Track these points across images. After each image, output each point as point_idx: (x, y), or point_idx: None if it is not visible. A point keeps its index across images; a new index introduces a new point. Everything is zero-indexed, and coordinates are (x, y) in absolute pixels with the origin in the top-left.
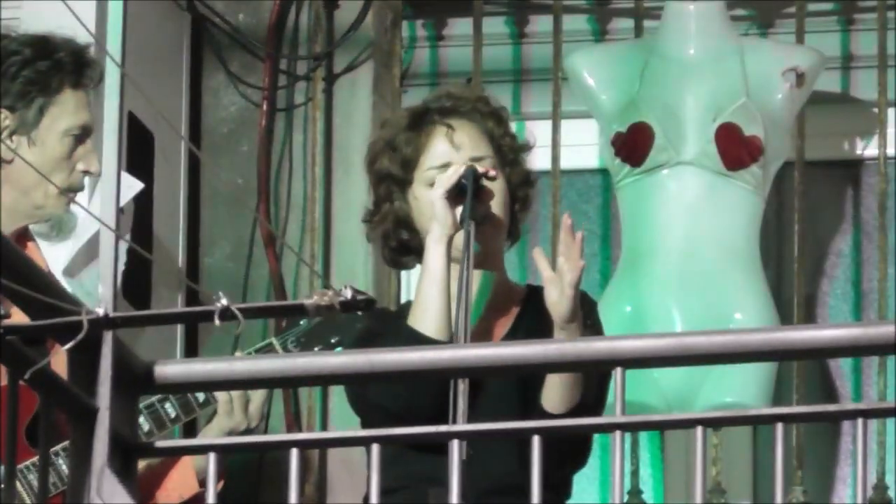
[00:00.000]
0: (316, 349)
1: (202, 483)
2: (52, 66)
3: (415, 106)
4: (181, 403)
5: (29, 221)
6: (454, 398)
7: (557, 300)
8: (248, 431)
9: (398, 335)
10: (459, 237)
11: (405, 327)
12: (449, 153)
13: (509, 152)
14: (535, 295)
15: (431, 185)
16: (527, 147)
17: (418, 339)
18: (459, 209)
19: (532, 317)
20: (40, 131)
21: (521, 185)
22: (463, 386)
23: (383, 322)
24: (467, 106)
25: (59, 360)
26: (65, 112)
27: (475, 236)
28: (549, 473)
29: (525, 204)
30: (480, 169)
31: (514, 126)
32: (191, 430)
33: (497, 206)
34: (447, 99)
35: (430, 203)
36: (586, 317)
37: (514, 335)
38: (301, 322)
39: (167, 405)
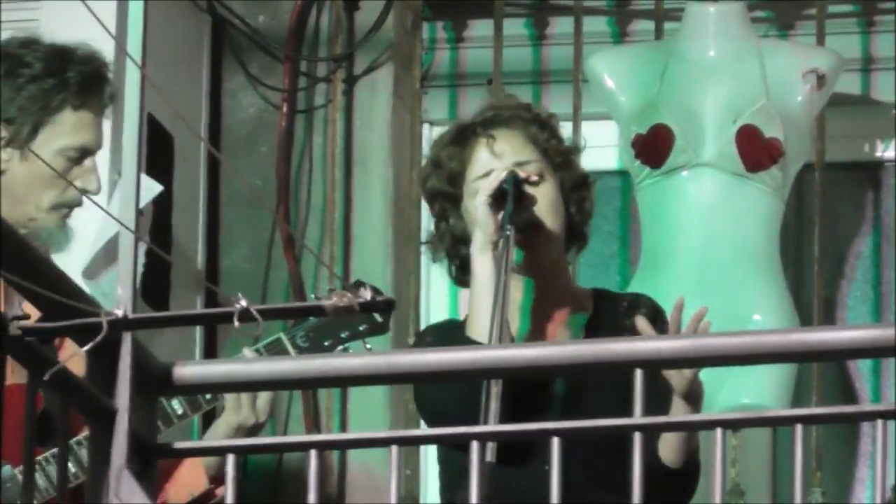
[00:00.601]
0: (326, 343)
1: (212, 480)
2: (58, 84)
3: (459, 121)
4: (188, 400)
5: (23, 231)
6: (486, 399)
7: (678, 380)
8: (255, 427)
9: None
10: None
11: (463, 338)
12: (490, 162)
13: (556, 156)
14: (603, 298)
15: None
16: (576, 150)
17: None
18: (501, 216)
19: (604, 321)
20: (34, 147)
21: (575, 188)
22: (496, 388)
23: (450, 334)
24: (507, 113)
25: (72, 361)
26: (62, 133)
27: (521, 242)
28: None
29: (581, 207)
30: (522, 174)
31: (563, 131)
32: (209, 424)
33: (545, 211)
34: (488, 110)
35: (473, 209)
36: (657, 325)
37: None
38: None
39: (174, 402)
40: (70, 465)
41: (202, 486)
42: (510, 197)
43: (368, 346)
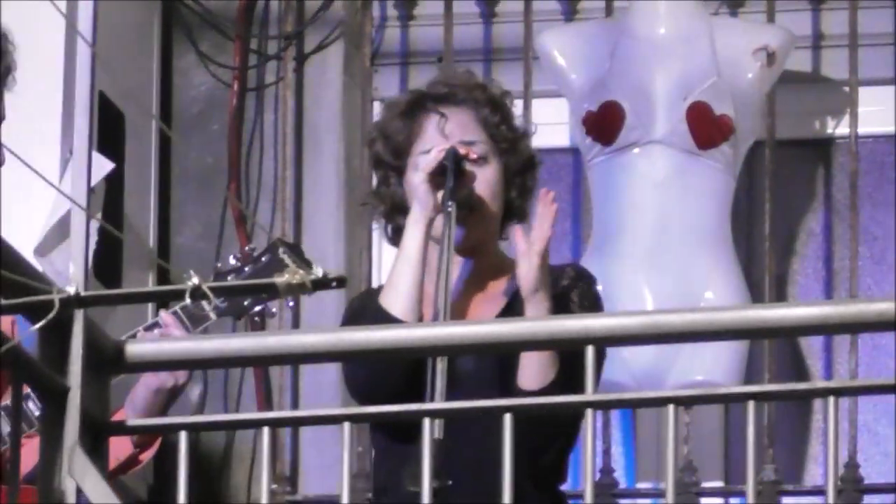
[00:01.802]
0: (245, 303)
1: (136, 445)
2: None
3: (412, 91)
4: (189, 314)
5: None
6: (431, 377)
7: (525, 271)
8: (175, 389)
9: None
10: (441, 221)
11: (375, 306)
12: (437, 140)
13: (503, 141)
14: None
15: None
16: (526, 134)
17: (385, 318)
18: (441, 193)
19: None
20: None
21: (520, 171)
22: (441, 365)
23: (367, 300)
24: (462, 94)
25: None
26: None
27: (460, 222)
28: (538, 454)
29: (523, 190)
30: (462, 151)
31: (515, 111)
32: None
33: (483, 193)
34: (443, 86)
35: (412, 184)
36: (583, 297)
37: (512, 312)
38: (227, 278)
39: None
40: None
41: (127, 451)
42: (450, 173)
43: (291, 302)
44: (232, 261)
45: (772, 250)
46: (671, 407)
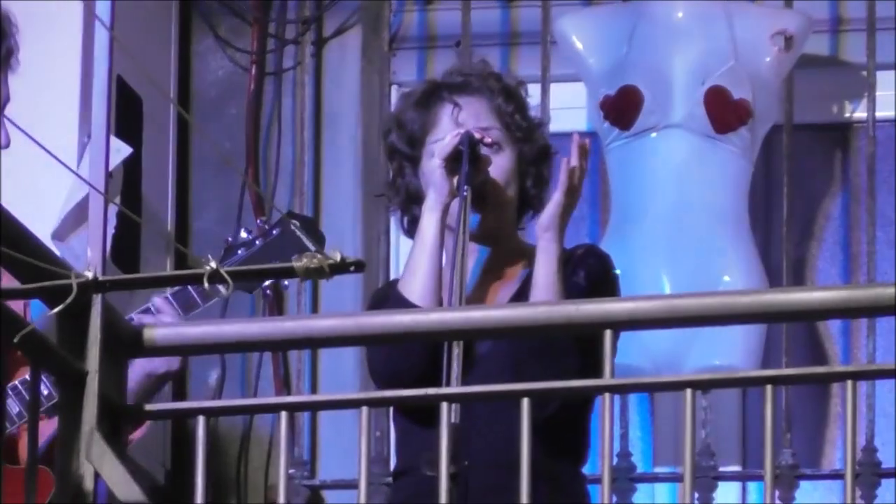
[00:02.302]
0: None
1: None
2: None
3: (427, 81)
4: (181, 299)
5: None
6: (447, 361)
7: (547, 206)
8: (167, 375)
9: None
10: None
11: (394, 291)
12: (452, 130)
13: (517, 130)
14: None
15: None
16: (541, 123)
17: (402, 303)
18: (457, 179)
19: None
20: None
21: (535, 161)
22: (457, 349)
23: (388, 290)
24: (476, 82)
25: None
26: None
27: (476, 208)
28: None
29: (538, 178)
30: (477, 134)
31: (531, 101)
32: (181, 389)
33: (499, 178)
34: (458, 75)
35: (428, 170)
36: (602, 282)
37: (523, 296)
38: (238, 251)
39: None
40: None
41: None
42: (465, 157)
43: (286, 283)
44: (244, 234)
45: (789, 234)
46: (689, 391)
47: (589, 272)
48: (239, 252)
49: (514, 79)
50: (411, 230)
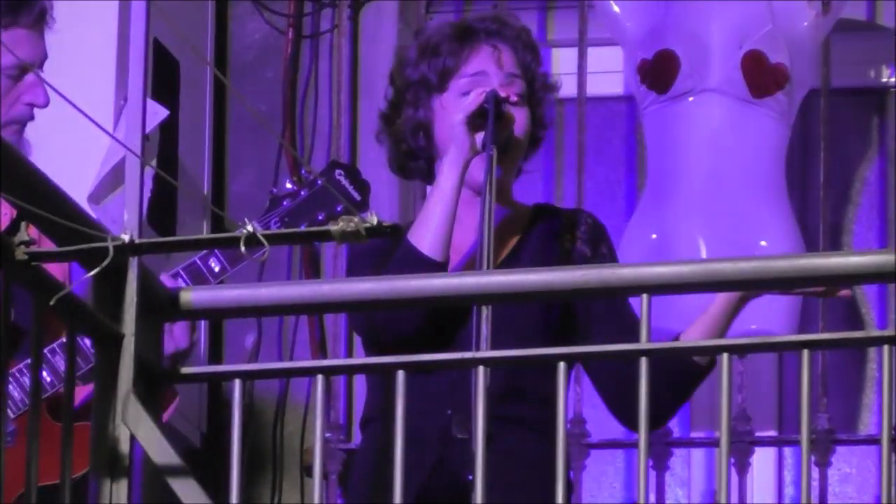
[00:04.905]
0: (302, 227)
1: None
2: None
3: (458, 21)
4: (226, 255)
5: None
6: (476, 325)
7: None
8: (178, 355)
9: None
10: (476, 168)
11: (404, 241)
12: (488, 66)
13: (540, 89)
14: (542, 214)
15: (465, 94)
16: (554, 88)
17: (412, 254)
18: (479, 136)
19: (538, 238)
20: None
21: (538, 125)
22: (486, 311)
23: (390, 241)
24: (512, 33)
25: None
26: None
27: (497, 164)
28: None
29: (535, 141)
30: (502, 94)
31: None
32: (217, 352)
33: (519, 133)
34: (493, 22)
35: (450, 126)
36: (600, 242)
37: (515, 258)
38: (283, 202)
39: (211, 260)
40: (45, 373)
41: None
42: (490, 117)
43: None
44: (288, 185)
45: (826, 199)
46: (725, 356)
47: (592, 243)
48: (284, 203)
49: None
50: (401, 162)
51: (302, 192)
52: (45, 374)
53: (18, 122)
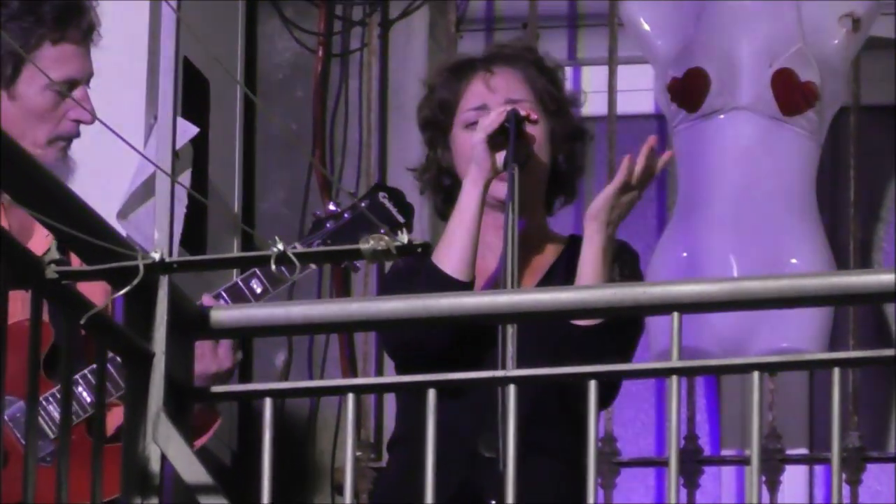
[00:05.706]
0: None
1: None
2: (34, 21)
3: (461, 55)
4: (267, 275)
5: None
6: (503, 343)
7: (596, 198)
8: (220, 374)
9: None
10: (497, 187)
11: (428, 262)
12: (484, 95)
13: (550, 102)
14: (574, 245)
15: (468, 126)
16: (574, 99)
17: (437, 276)
18: (500, 155)
19: (567, 266)
20: (19, 86)
21: (567, 138)
22: (511, 330)
23: (416, 260)
24: (509, 51)
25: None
26: (45, 68)
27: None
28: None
29: (571, 158)
30: (522, 112)
31: (566, 81)
32: (247, 371)
33: (537, 151)
34: (493, 48)
35: (469, 146)
36: (623, 266)
37: (546, 284)
38: (327, 224)
39: (252, 282)
40: (86, 393)
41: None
42: (512, 135)
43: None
44: (332, 206)
45: (856, 217)
46: (756, 374)
47: (631, 267)
48: (327, 225)
49: (550, 59)
50: (443, 210)
51: (345, 215)
52: (85, 394)
53: (65, 139)
